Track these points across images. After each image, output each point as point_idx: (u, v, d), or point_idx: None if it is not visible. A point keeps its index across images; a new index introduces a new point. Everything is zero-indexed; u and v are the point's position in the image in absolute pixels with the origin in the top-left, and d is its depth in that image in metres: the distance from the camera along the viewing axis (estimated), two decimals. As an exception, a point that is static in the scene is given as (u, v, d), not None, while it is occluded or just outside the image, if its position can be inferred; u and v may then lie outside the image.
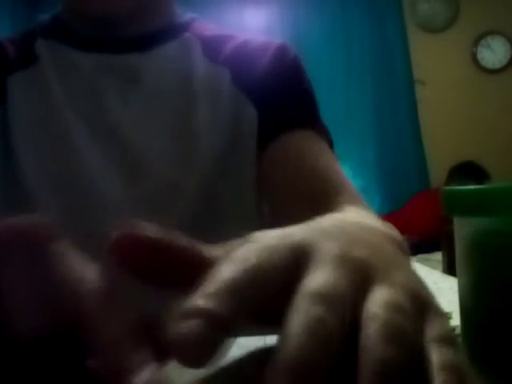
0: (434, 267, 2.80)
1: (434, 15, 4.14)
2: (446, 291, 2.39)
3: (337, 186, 0.68)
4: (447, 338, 0.23)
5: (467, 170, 3.79)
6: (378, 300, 0.23)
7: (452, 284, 2.37)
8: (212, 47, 0.75)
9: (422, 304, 0.24)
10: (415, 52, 4.11)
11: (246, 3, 4.10)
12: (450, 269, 2.72)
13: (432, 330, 0.23)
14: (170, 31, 0.75)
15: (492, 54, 4.14)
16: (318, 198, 0.66)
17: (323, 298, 0.22)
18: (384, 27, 4.13)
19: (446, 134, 4.07)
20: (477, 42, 4.14)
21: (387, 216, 3.92)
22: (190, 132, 0.70)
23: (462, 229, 0.28)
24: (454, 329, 0.24)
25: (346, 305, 0.22)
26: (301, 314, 0.21)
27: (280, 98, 0.72)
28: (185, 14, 0.79)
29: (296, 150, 0.69)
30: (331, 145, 0.74)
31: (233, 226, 0.69)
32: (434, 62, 4.11)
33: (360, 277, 0.24)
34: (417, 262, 2.98)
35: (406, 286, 0.24)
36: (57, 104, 0.69)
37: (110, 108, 0.69)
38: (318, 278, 0.23)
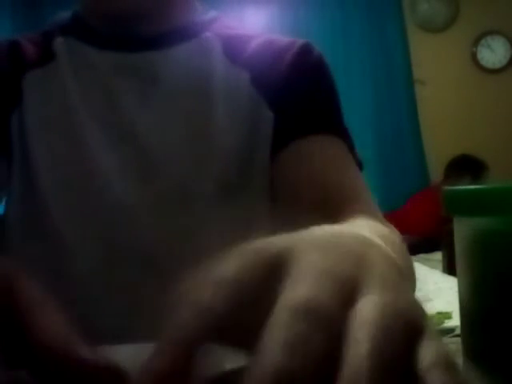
0: (433, 267, 2.79)
1: (433, 15, 4.14)
2: (445, 291, 2.38)
3: (350, 194, 0.65)
4: (442, 363, 0.21)
5: (464, 164, 3.76)
6: (363, 319, 0.21)
7: (452, 284, 2.37)
8: (233, 47, 0.73)
9: (412, 328, 0.22)
10: (415, 52, 4.11)
11: (246, 3, 4.10)
12: (450, 269, 2.71)
13: (426, 356, 0.21)
14: (189, 30, 0.73)
15: (492, 53, 4.14)
16: (330, 206, 0.63)
17: (307, 312, 0.21)
18: (384, 27, 4.13)
19: (445, 133, 4.07)
20: (477, 41, 4.13)
21: (386, 215, 3.91)
22: (206, 134, 0.68)
23: (462, 229, 0.28)
24: (447, 351, 0.23)
25: (331, 320, 0.21)
26: (281, 328, 0.20)
27: (297, 102, 0.70)
28: (207, 12, 0.77)
29: (309, 155, 0.67)
30: (352, 149, 0.71)
31: (246, 229, 0.68)
32: (434, 61, 4.11)
33: (343, 292, 0.23)
34: (417, 262, 2.98)
35: (396, 308, 0.22)
36: (72, 103, 0.68)
37: (126, 108, 0.68)
38: (299, 291, 0.22)
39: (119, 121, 0.68)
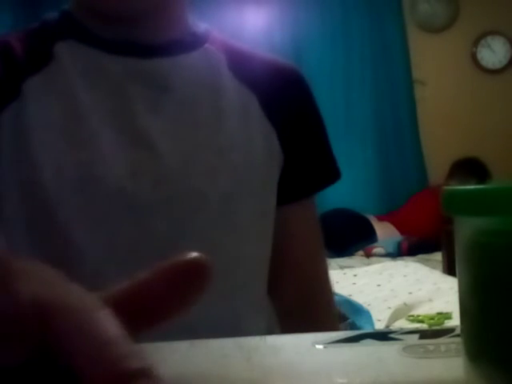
0: (434, 267, 2.79)
1: (433, 15, 4.14)
2: (445, 291, 2.39)
3: (326, 301, 0.81)
4: None
5: (469, 167, 3.78)
6: None
7: (452, 284, 2.37)
8: (237, 63, 0.74)
9: None
10: (415, 52, 4.12)
11: (246, 3, 4.10)
12: (449, 269, 2.71)
13: None
14: (191, 40, 0.74)
15: (492, 54, 4.14)
16: (309, 307, 0.79)
17: None
18: (384, 27, 4.13)
19: (445, 134, 4.07)
20: (477, 42, 4.14)
21: (387, 216, 3.92)
22: (215, 145, 0.70)
23: (462, 229, 0.28)
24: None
25: None
26: None
27: (306, 158, 0.78)
28: (200, 24, 0.78)
29: (304, 236, 0.79)
30: (339, 175, 0.80)
31: (248, 245, 0.71)
32: (434, 61, 4.11)
33: None
34: (417, 262, 2.98)
35: None
36: (81, 105, 0.67)
37: (138, 113, 0.69)
38: None
39: (131, 125, 0.68)
